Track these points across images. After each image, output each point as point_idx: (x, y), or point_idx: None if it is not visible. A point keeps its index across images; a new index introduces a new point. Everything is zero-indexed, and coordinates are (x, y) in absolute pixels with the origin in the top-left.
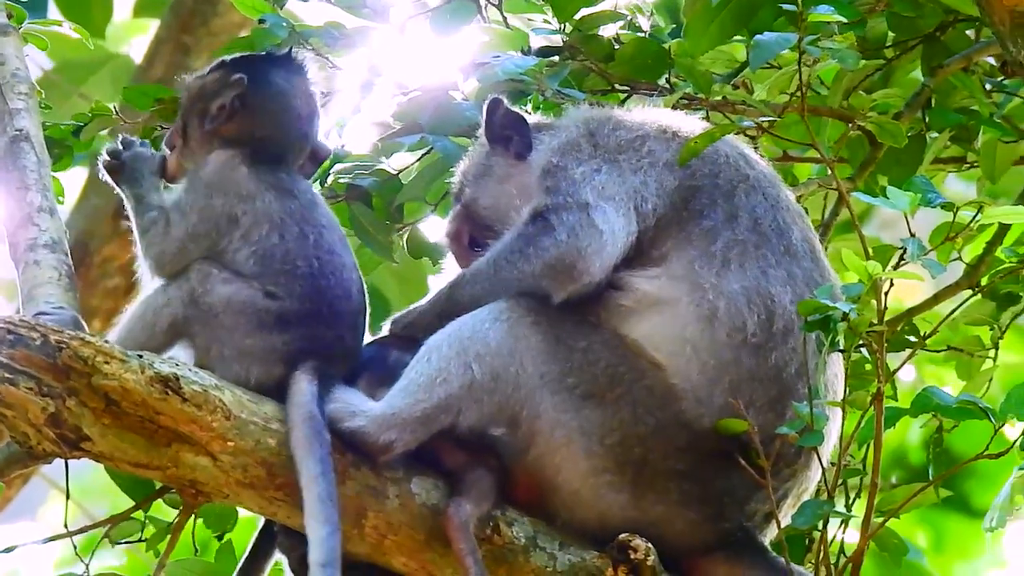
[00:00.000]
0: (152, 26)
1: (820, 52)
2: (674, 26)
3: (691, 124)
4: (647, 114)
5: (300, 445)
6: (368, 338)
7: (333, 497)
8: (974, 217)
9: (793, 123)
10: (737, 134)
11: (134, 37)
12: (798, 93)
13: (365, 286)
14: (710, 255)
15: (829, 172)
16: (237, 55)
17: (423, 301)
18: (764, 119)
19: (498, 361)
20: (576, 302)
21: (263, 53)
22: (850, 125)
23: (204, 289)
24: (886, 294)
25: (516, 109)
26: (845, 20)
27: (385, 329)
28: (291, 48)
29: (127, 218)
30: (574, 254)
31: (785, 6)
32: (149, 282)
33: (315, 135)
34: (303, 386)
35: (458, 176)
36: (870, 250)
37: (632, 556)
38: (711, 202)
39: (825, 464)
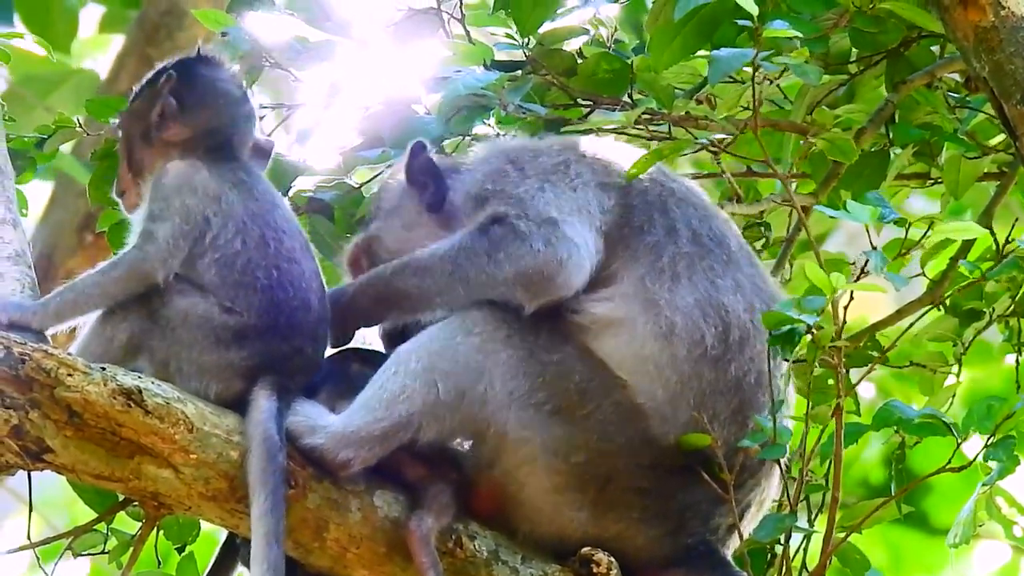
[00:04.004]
0: (114, 42)
1: (776, 68)
2: (637, 41)
3: (605, 146)
4: (561, 140)
5: (254, 473)
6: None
7: (279, 536)
8: (925, 233)
9: (755, 138)
10: (697, 151)
11: (99, 53)
12: (759, 108)
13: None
14: (659, 271)
15: (791, 188)
16: (151, 73)
17: (351, 284)
18: (720, 136)
19: (465, 379)
20: (546, 313)
21: (173, 60)
22: (802, 142)
23: (161, 301)
24: (846, 308)
25: (436, 159)
26: (802, 36)
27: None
28: (199, 48)
29: (92, 231)
30: (554, 266)
31: (741, 22)
32: None
33: (255, 123)
34: (261, 403)
35: (375, 196)
36: (824, 265)
37: (595, 570)
38: (648, 218)
39: (785, 472)
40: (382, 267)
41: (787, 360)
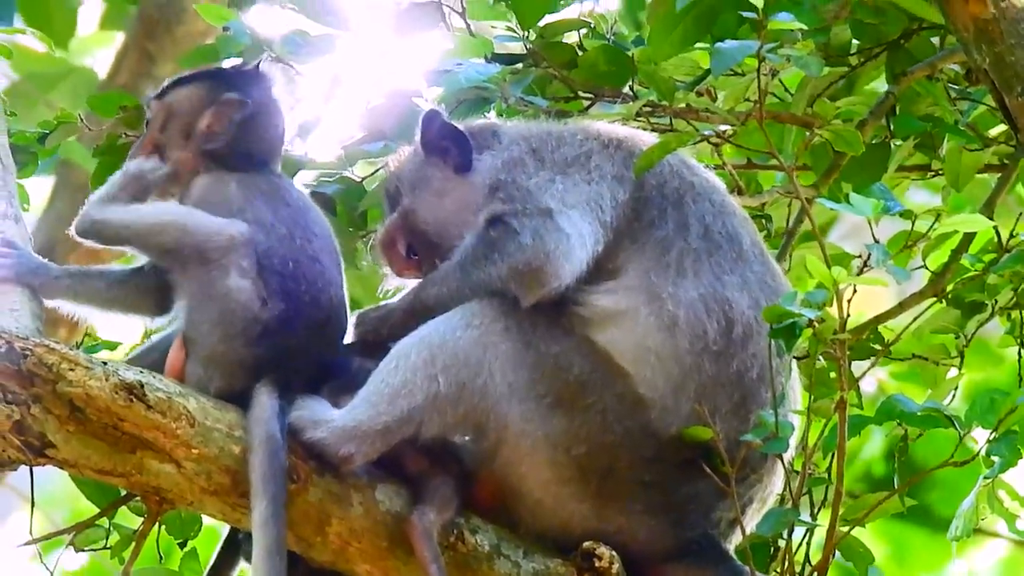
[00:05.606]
0: (116, 39)
1: (780, 59)
2: (637, 33)
3: (632, 135)
4: (587, 128)
5: (255, 475)
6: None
7: (280, 547)
8: (931, 226)
9: (756, 130)
10: (697, 143)
11: (98, 49)
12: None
13: (347, 302)
14: (665, 265)
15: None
16: (206, 69)
17: (393, 299)
18: (724, 127)
19: (465, 372)
20: (547, 305)
21: (232, 68)
22: (808, 133)
23: (220, 267)
24: (849, 301)
25: (455, 124)
26: (806, 27)
27: (351, 324)
28: (259, 62)
29: None
30: (541, 258)
31: (746, 14)
32: None
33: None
34: (264, 401)
35: (391, 179)
36: (829, 258)
37: (596, 564)
38: (661, 212)
39: (788, 467)
40: (412, 288)
41: (788, 355)
